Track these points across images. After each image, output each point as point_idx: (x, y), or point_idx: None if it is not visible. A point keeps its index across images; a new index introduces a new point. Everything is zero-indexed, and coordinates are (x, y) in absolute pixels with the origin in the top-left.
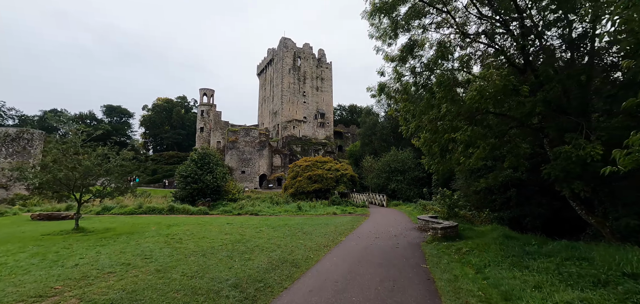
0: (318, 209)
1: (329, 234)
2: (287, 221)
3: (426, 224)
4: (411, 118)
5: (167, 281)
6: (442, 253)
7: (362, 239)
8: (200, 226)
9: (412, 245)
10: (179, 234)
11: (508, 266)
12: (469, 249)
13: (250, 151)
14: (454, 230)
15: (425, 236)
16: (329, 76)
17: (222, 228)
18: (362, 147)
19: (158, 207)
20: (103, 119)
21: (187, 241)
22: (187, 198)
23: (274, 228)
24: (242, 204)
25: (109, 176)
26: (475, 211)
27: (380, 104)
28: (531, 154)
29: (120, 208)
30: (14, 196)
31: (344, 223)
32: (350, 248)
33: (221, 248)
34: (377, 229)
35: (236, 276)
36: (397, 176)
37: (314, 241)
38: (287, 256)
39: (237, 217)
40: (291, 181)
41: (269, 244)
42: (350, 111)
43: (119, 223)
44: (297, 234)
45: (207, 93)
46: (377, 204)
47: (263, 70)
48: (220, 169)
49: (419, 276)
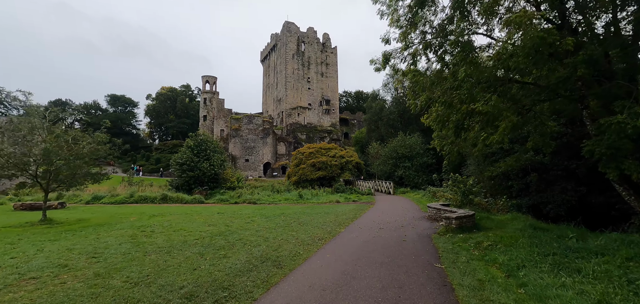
0: (320, 198)
1: (327, 224)
2: (285, 210)
3: (437, 212)
4: (421, 91)
5: (99, 291)
6: (459, 248)
7: (364, 231)
8: (186, 216)
9: (421, 238)
10: (154, 226)
11: (550, 268)
12: (491, 243)
13: (253, 139)
14: (471, 220)
15: (437, 226)
16: (334, 61)
17: (209, 218)
18: (368, 134)
19: (151, 196)
20: (107, 108)
21: (158, 235)
22: (184, 186)
23: (268, 218)
24: (240, 193)
25: (79, 161)
26: (490, 198)
27: (387, 88)
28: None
29: (111, 198)
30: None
31: (346, 212)
32: (349, 242)
33: (195, 242)
34: (382, 218)
35: (196, 281)
36: (404, 163)
37: (309, 233)
38: (272, 252)
39: (232, 206)
40: (294, 168)
41: (255, 237)
42: (356, 98)
43: (100, 213)
44: (291, 224)
45: (209, 80)
46: (384, 191)
47: (266, 56)
48: (217, 156)
49: (432, 281)
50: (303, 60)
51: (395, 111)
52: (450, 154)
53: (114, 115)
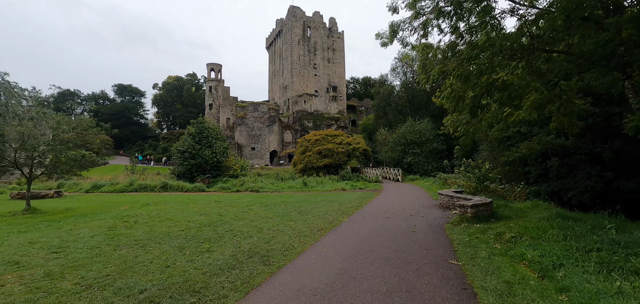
0: (326, 185)
1: (329, 213)
2: (287, 198)
3: (450, 200)
4: (432, 66)
5: (37, 297)
6: (477, 241)
7: (369, 220)
8: (180, 205)
9: (433, 228)
10: (140, 216)
11: (597, 268)
12: (514, 235)
13: (259, 127)
14: (488, 207)
15: (450, 215)
16: (341, 46)
17: (204, 207)
18: (376, 120)
19: (151, 184)
20: (115, 98)
21: (140, 226)
22: (186, 175)
23: (267, 207)
24: (243, 181)
25: (62, 146)
26: (507, 185)
27: (395, 73)
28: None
29: (111, 186)
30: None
31: (351, 200)
32: (351, 233)
33: (179, 234)
34: (389, 206)
35: (164, 282)
36: (413, 149)
37: (308, 223)
38: (263, 245)
39: (233, 195)
40: (300, 156)
41: (248, 227)
42: (364, 84)
43: (93, 203)
44: (290, 213)
45: (214, 68)
46: (392, 179)
47: (272, 43)
48: (220, 143)
49: (448, 282)
50: (309, 46)
51: (404, 96)
52: (465, 137)
53: (121, 105)
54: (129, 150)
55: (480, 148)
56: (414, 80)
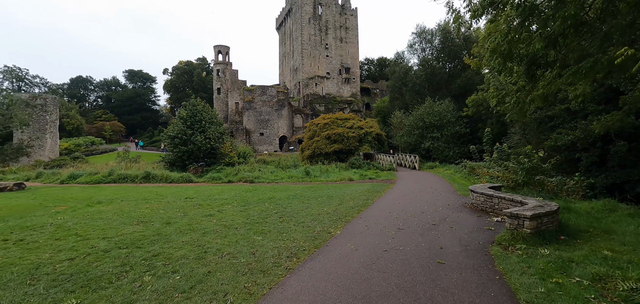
0: (331, 174)
1: (320, 219)
2: (278, 193)
3: (487, 200)
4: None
5: None
6: (562, 293)
7: (371, 235)
8: (135, 204)
9: (471, 254)
10: (48, 227)
11: None
12: (632, 286)
13: (268, 111)
14: (554, 218)
15: (491, 224)
16: (355, 24)
17: (161, 207)
18: (391, 102)
19: (132, 175)
20: (126, 84)
21: (16, 249)
22: (177, 163)
23: (245, 206)
24: (238, 170)
25: None
26: (558, 176)
27: (412, 50)
28: None
29: (88, 176)
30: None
31: (356, 196)
32: (337, 268)
33: (54, 270)
34: (403, 206)
35: None
36: (432, 133)
37: (283, 238)
38: (175, 298)
39: (221, 186)
40: (308, 142)
41: (186, 250)
42: (379, 65)
43: (40, 198)
44: (267, 220)
45: (222, 50)
46: (408, 166)
47: (282, 23)
48: (214, 128)
49: None
50: (320, 24)
51: (422, 75)
52: (515, 111)
53: (132, 91)
54: (140, 136)
55: (511, 131)
56: (433, 57)
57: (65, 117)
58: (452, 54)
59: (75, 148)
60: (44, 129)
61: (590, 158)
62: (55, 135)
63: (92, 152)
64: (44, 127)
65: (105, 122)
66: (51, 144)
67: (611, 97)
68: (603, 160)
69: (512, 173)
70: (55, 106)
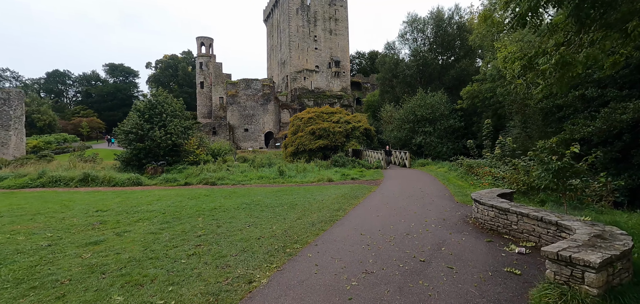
0: (308, 174)
1: (252, 251)
2: (232, 199)
3: (501, 217)
4: None
5: None
6: None
7: (316, 290)
8: (17, 217)
9: None
10: None
11: None
12: None
13: (252, 106)
14: (628, 262)
15: (509, 260)
16: (345, 15)
17: (52, 222)
18: (381, 96)
19: (67, 177)
20: (107, 79)
21: None
22: (133, 161)
23: (171, 221)
24: (202, 169)
25: None
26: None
27: (404, 40)
28: None
29: (14, 179)
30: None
31: (328, 203)
32: None
33: None
34: (382, 221)
35: None
36: (424, 127)
37: (186, 290)
38: None
39: (168, 191)
40: (291, 137)
41: None
42: (371, 59)
43: None
44: (170, 252)
45: (205, 42)
46: (398, 163)
47: (269, 14)
48: (177, 121)
49: None
50: (309, 15)
51: (414, 66)
52: (551, 80)
53: (113, 86)
54: None
55: (509, 124)
56: (426, 47)
57: (36, 113)
58: (445, 43)
59: (46, 146)
60: (7, 125)
61: (610, 154)
62: (21, 132)
63: (64, 150)
64: (7, 123)
65: (82, 119)
66: (16, 141)
67: (637, 79)
68: (626, 156)
69: (523, 174)
70: (21, 101)
